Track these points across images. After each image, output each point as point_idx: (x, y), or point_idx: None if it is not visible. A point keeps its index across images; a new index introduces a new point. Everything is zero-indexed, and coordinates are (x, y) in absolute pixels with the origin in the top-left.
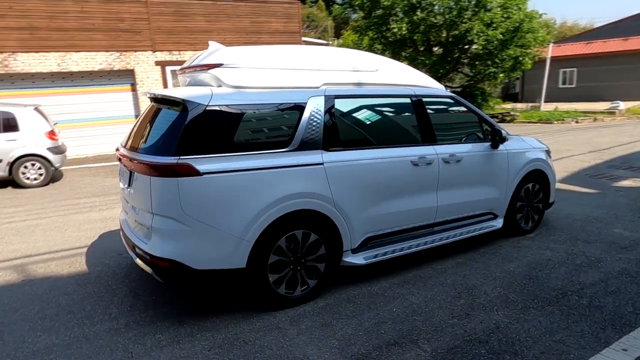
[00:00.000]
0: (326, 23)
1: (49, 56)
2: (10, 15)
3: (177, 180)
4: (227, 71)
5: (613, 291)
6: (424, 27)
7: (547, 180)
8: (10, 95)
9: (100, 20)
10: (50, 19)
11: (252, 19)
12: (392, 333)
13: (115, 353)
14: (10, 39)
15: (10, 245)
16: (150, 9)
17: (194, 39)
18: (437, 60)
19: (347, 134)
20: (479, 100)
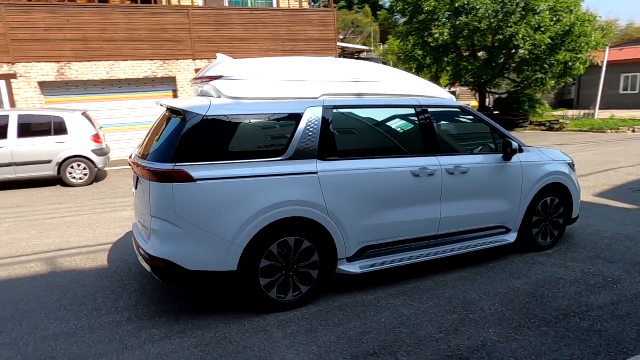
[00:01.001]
0: (370, 29)
1: (99, 65)
2: (67, 28)
3: (172, 185)
4: (226, 83)
5: (621, 315)
6: (467, 32)
7: (568, 194)
8: (65, 100)
9: (146, 31)
10: (101, 31)
11: (289, 27)
12: (374, 344)
13: (112, 344)
14: (66, 49)
15: (47, 239)
16: (191, 19)
17: (232, 48)
18: (481, 66)
19: (345, 144)
20: (525, 107)
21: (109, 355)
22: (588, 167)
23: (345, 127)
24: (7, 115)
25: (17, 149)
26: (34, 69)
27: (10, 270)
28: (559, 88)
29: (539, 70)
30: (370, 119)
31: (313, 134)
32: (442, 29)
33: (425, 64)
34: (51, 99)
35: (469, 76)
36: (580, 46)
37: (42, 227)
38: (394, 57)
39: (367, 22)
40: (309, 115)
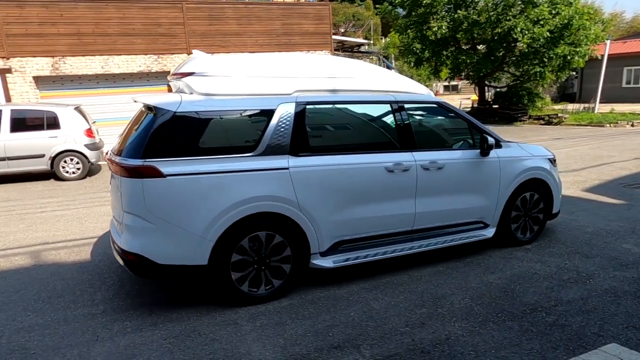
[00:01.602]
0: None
1: (93, 59)
2: (60, 23)
3: (142, 181)
4: (197, 79)
5: (587, 310)
6: (466, 25)
7: (549, 189)
8: (60, 95)
9: (139, 25)
10: (95, 25)
11: (283, 21)
12: (340, 337)
13: (84, 335)
14: (60, 44)
15: (35, 232)
16: (185, 14)
17: (226, 42)
18: (480, 59)
19: (318, 140)
20: (524, 100)
21: (79, 346)
22: (581, 162)
23: (318, 123)
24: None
25: (9, 144)
26: (29, 64)
27: None
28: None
29: (538, 64)
30: (345, 115)
31: (285, 130)
32: (441, 22)
33: (423, 57)
34: (46, 93)
35: (468, 70)
36: (580, 39)
37: (31, 220)
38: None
39: (368, 15)
40: (281, 111)
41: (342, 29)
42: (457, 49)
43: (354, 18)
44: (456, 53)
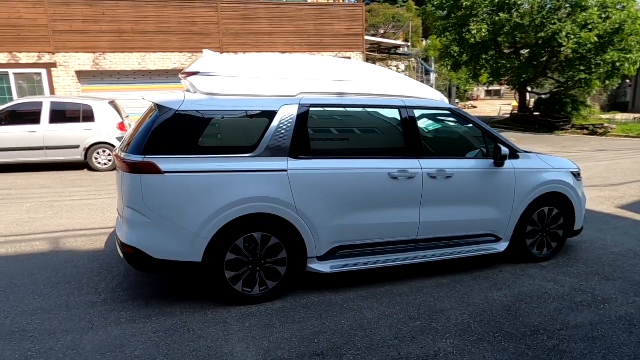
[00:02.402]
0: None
1: (131, 56)
2: (103, 20)
3: (141, 176)
4: (201, 79)
5: (594, 337)
6: (508, 29)
7: (570, 204)
8: (100, 89)
9: (175, 24)
10: (134, 23)
11: (315, 21)
12: (325, 344)
13: (81, 323)
14: (102, 40)
15: (59, 219)
16: (220, 13)
17: (257, 41)
18: (521, 64)
19: (320, 143)
20: (568, 109)
21: (74, 333)
22: (622, 176)
23: (322, 126)
24: (40, 102)
25: (48, 134)
26: (72, 59)
27: (17, 246)
28: (612, 90)
29: (584, 70)
30: (350, 119)
31: (286, 132)
32: (481, 25)
33: (461, 61)
34: (87, 87)
35: (509, 75)
36: (631, 45)
37: (59, 207)
38: (436, 53)
39: (408, 16)
40: (283, 112)
41: (381, 30)
42: (498, 53)
43: (394, 19)
44: (496, 57)
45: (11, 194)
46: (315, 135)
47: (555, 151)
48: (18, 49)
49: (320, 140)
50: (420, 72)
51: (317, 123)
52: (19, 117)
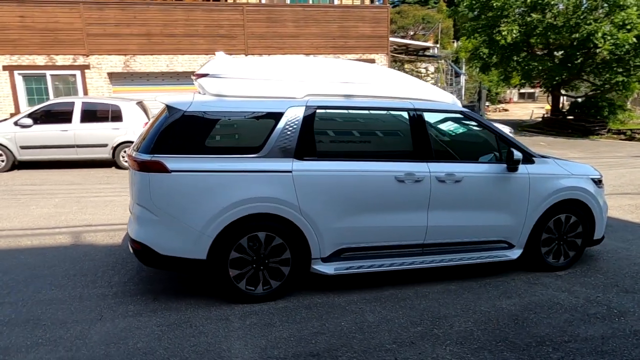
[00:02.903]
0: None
1: (160, 58)
2: (134, 24)
3: (149, 175)
4: (210, 81)
5: (603, 351)
6: (541, 29)
7: (589, 212)
8: (130, 90)
9: (203, 27)
10: (163, 27)
11: (340, 23)
12: (322, 345)
13: (91, 314)
14: (132, 43)
15: (84, 215)
16: (245, 16)
17: (282, 44)
18: (553, 66)
19: (327, 145)
20: (604, 112)
21: (83, 323)
22: None
23: (328, 128)
24: (72, 102)
25: (79, 133)
26: (104, 61)
27: (42, 239)
28: None
29: (622, 73)
30: (357, 121)
31: (291, 133)
32: (511, 26)
33: (491, 62)
34: (118, 88)
35: (541, 77)
36: None
37: (84, 203)
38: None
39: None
40: (289, 114)
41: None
42: (530, 54)
43: (424, 21)
44: (528, 59)
45: (43, 189)
46: (321, 137)
47: (587, 156)
48: (55, 51)
49: (327, 142)
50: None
51: (324, 125)
52: (53, 116)
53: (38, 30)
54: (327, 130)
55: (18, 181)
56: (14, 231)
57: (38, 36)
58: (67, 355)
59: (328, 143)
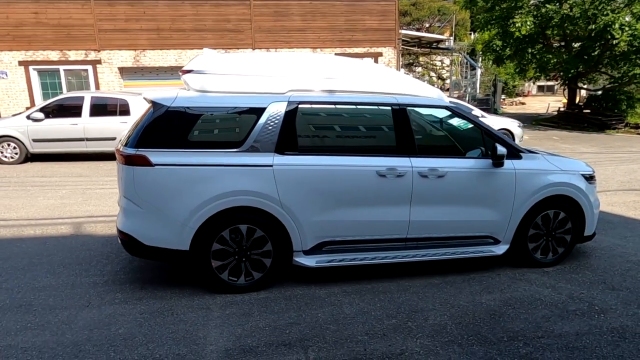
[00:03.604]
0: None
1: (169, 53)
2: (143, 19)
3: (133, 168)
4: (194, 77)
5: (574, 347)
6: (557, 21)
7: (579, 208)
8: (140, 84)
9: (210, 21)
10: (172, 22)
11: (347, 17)
12: (295, 335)
13: (80, 300)
14: (142, 38)
15: (87, 206)
16: (252, 10)
17: (289, 37)
18: (569, 59)
19: (308, 140)
20: (622, 106)
21: (71, 309)
22: None
23: (311, 123)
24: (82, 96)
25: (88, 126)
26: (115, 56)
27: (44, 229)
28: None
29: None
30: (340, 116)
31: (273, 128)
32: (525, 18)
33: (504, 55)
34: (129, 82)
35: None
36: None
37: (89, 195)
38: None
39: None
40: (271, 109)
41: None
42: (546, 46)
43: (440, 13)
44: (543, 51)
45: (52, 181)
46: (303, 131)
47: (600, 151)
48: (68, 47)
49: (309, 136)
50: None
51: (306, 120)
52: (63, 110)
53: (51, 27)
54: (310, 125)
55: (30, 173)
56: (19, 221)
57: (51, 32)
58: (52, 339)
59: (310, 138)
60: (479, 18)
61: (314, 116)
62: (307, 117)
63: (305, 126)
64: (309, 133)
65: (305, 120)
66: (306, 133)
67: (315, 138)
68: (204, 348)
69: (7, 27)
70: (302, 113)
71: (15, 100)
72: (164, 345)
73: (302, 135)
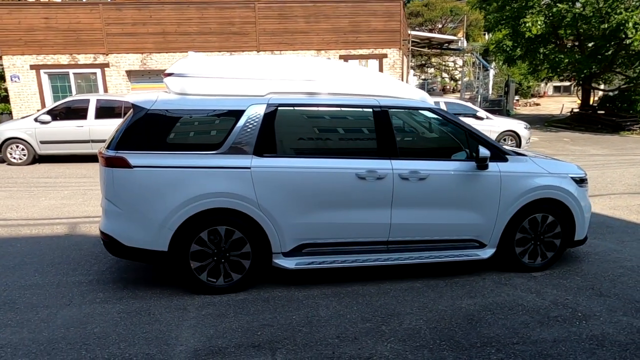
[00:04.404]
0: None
1: (175, 56)
2: (150, 23)
3: (113, 170)
4: (175, 80)
5: (548, 354)
6: (569, 20)
7: (568, 212)
8: (147, 87)
9: (215, 24)
10: (177, 25)
11: (351, 18)
12: (266, 337)
13: (62, 299)
14: (148, 42)
15: (86, 207)
16: (257, 13)
17: (293, 40)
18: (581, 59)
19: (288, 142)
20: (638, 107)
21: (52, 308)
22: None
23: (290, 125)
24: (88, 99)
25: (93, 128)
26: (123, 59)
27: (40, 229)
28: None
29: None
30: (321, 118)
31: (251, 131)
32: (536, 17)
33: (514, 55)
34: (136, 85)
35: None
36: None
37: (90, 196)
38: None
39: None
40: (250, 112)
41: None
42: (558, 46)
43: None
44: (555, 51)
45: (56, 182)
46: (283, 134)
47: (610, 153)
48: (77, 51)
49: (288, 139)
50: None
51: (286, 122)
52: (70, 113)
53: (61, 31)
54: (290, 128)
55: (36, 174)
56: (18, 221)
57: (61, 37)
58: (29, 336)
59: (290, 140)
60: (489, 18)
61: (293, 118)
62: (286, 119)
63: (284, 128)
64: (289, 135)
65: (285, 123)
66: (286, 135)
67: (294, 140)
68: (174, 348)
69: (19, 32)
70: (282, 115)
71: (27, 103)
72: (136, 345)
73: (282, 137)
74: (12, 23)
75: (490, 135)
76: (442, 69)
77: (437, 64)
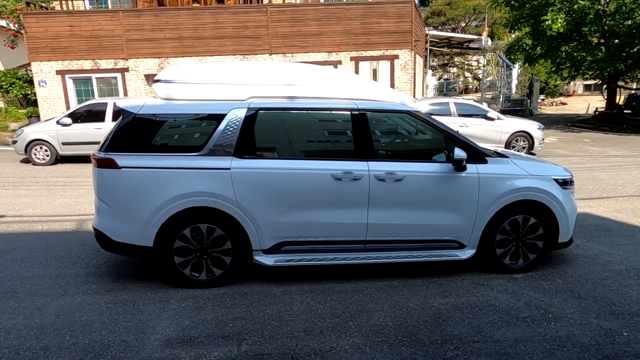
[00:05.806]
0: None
1: (191, 60)
2: (167, 28)
3: (102, 170)
4: (161, 86)
5: (504, 353)
6: (592, 17)
7: (551, 214)
8: None
9: (230, 29)
10: (193, 30)
11: (362, 20)
12: (236, 329)
13: (59, 290)
14: (166, 47)
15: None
16: (269, 17)
17: (305, 42)
18: (604, 57)
19: (265, 144)
20: None
21: (48, 297)
22: None
23: (270, 128)
24: (105, 102)
25: None
26: (141, 64)
27: (50, 225)
28: None
29: None
30: (300, 122)
31: (232, 133)
32: (557, 15)
33: (535, 54)
34: None
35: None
36: None
37: None
38: None
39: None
40: (231, 115)
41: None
42: (582, 44)
43: (475, 12)
44: (578, 49)
45: (74, 181)
46: (262, 136)
47: (630, 154)
48: (99, 56)
49: (268, 141)
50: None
51: (265, 125)
52: (89, 115)
53: (84, 38)
54: (270, 130)
55: (57, 174)
56: (32, 217)
57: (84, 43)
58: (23, 322)
59: (270, 142)
60: (507, 17)
61: (273, 121)
62: (267, 122)
63: (265, 131)
64: (269, 138)
65: (265, 126)
66: (265, 138)
67: (274, 142)
68: (150, 337)
69: (46, 39)
70: (262, 118)
71: (53, 107)
72: (115, 332)
73: (261, 140)
74: (40, 31)
75: (501, 136)
76: (465, 68)
77: (459, 63)
